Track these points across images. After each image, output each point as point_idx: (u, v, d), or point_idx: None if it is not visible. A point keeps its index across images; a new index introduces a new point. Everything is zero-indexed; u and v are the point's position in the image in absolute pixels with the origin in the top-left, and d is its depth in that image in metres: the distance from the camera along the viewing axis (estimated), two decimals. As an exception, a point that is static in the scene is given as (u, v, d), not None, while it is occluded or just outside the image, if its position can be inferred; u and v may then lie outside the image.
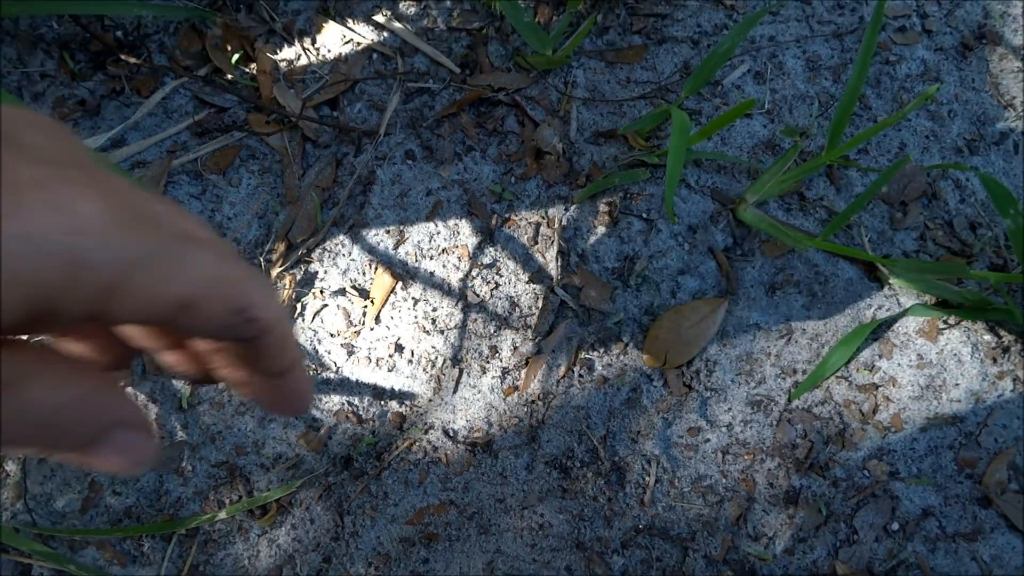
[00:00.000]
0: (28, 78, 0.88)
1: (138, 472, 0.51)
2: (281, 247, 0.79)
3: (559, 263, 0.73)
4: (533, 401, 0.71)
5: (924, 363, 0.68)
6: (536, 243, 0.75)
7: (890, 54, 0.78)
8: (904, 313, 0.68)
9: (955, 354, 0.68)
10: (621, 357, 0.72)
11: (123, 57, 0.86)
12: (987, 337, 0.68)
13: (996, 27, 0.78)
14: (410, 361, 0.74)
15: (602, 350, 0.72)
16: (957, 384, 0.68)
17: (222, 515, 0.72)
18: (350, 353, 0.75)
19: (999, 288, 0.65)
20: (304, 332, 0.76)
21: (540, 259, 0.74)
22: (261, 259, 0.79)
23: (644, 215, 0.74)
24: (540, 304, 0.73)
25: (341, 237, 0.79)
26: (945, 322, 0.69)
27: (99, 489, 0.73)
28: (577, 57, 0.81)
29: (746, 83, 0.78)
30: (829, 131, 0.69)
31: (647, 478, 0.68)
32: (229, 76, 0.86)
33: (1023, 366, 0.68)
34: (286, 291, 0.77)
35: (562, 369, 0.72)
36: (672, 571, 0.67)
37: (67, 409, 0.22)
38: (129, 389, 0.75)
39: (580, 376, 0.71)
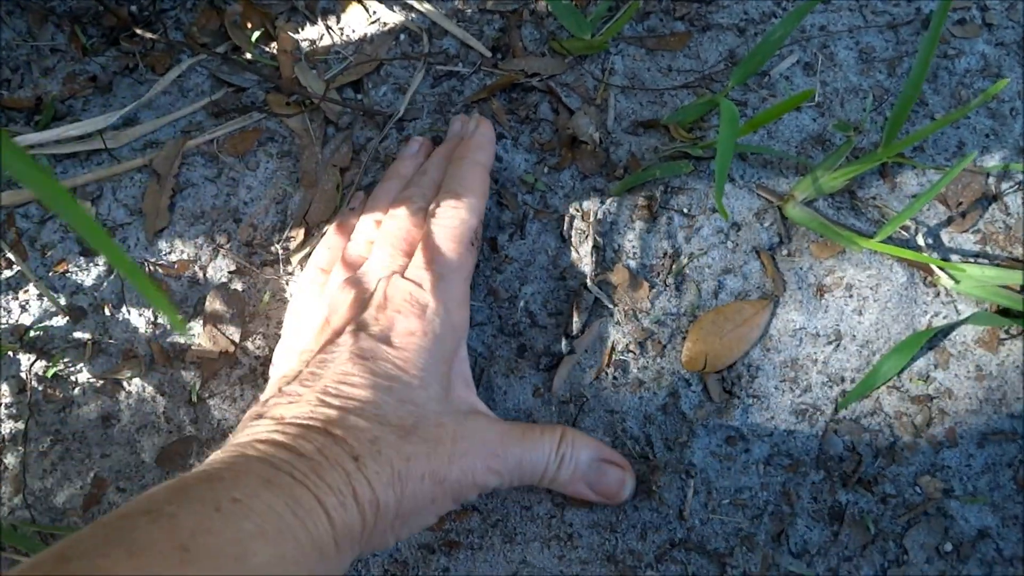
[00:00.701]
0: (38, 52, 0.84)
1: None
2: (299, 233, 0.75)
3: (593, 258, 0.69)
4: (563, 403, 0.67)
5: (983, 375, 0.64)
6: (569, 237, 0.71)
7: (948, 47, 0.74)
8: (963, 321, 0.64)
9: (1017, 366, 0.64)
10: (658, 360, 0.68)
11: (138, 32, 0.82)
12: (1052, 349, 0.64)
13: (1061, 22, 0.74)
14: (434, 358, 0.70)
15: (638, 351, 0.68)
16: (1019, 398, 0.64)
17: (231, 515, 0.68)
18: (370, 348, 0.71)
19: (1068, 297, 0.61)
20: (322, 325, 0.72)
21: (573, 254, 0.70)
22: (279, 246, 0.75)
23: (686, 210, 0.70)
24: (572, 301, 0.69)
25: (363, 226, 0.75)
26: (1007, 331, 0.65)
27: (103, 485, 0.69)
28: (616, 43, 0.77)
29: (795, 74, 0.74)
30: (886, 127, 0.65)
31: (685, 489, 0.64)
32: (248, 55, 0.82)
33: (1090, 381, 0.64)
34: (304, 281, 0.73)
35: (594, 370, 0.68)
36: (709, 589, 0.63)
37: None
38: (137, 380, 0.71)
39: (614, 379, 0.67)
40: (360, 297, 0.60)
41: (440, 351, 0.57)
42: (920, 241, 0.68)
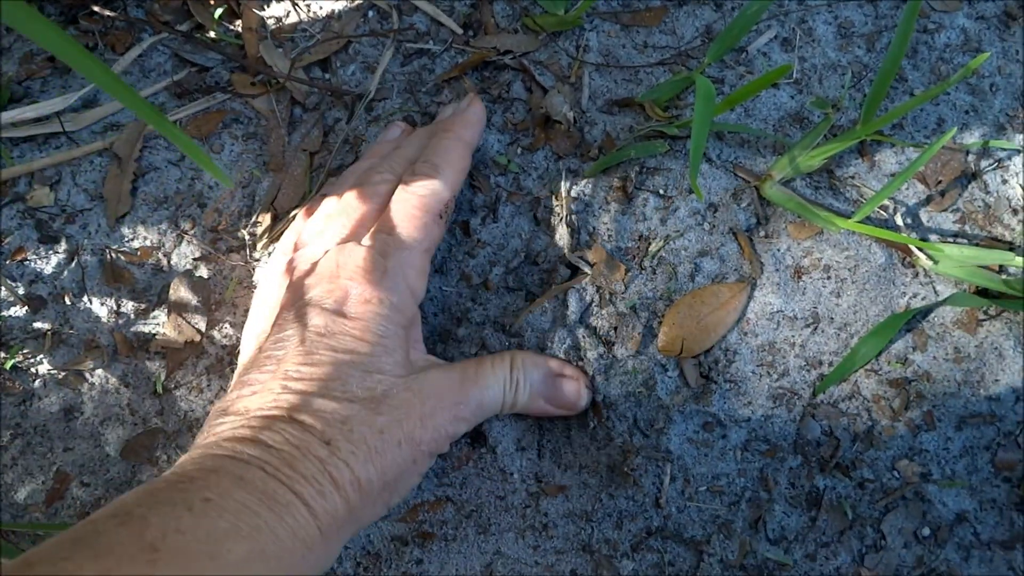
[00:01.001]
0: (-8, 31, 0.80)
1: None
2: (266, 218, 0.73)
3: (569, 241, 0.67)
4: (538, 391, 0.66)
5: (961, 357, 0.64)
6: (544, 219, 0.69)
7: (928, 22, 0.72)
8: (941, 303, 0.63)
9: (996, 348, 0.63)
10: (634, 344, 0.66)
11: (96, 10, 0.79)
12: (1031, 330, 0.64)
13: (1043, -5, 0.73)
14: (405, 345, 0.68)
15: (612, 336, 0.66)
16: (997, 380, 0.63)
17: (200, 508, 0.66)
18: (340, 335, 0.70)
19: (1047, 277, 0.60)
20: (290, 312, 0.70)
21: (547, 237, 0.69)
22: (245, 232, 0.73)
23: (661, 191, 0.69)
24: (546, 284, 0.67)
25: (331, 210, 0.73)
26: (986, 312, 0.64)
27: (66, 480, 0.68)
28: (590, 19, 0.75)
29: (772, 50, 0.72)
30: (864, 104, 0.64)
31: (662, 476, 0.63)
32: (212, 33, 0.79)
33: (1069, 362, 0.63)
34: (271, 267, 0.71)
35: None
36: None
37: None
38: (99, 371, 0.69)
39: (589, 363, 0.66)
40: (311, 271, 0.58)
41: (398, 317, 0.56)
42: (899, 221, 0.67)
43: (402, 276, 0.57)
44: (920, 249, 0.64)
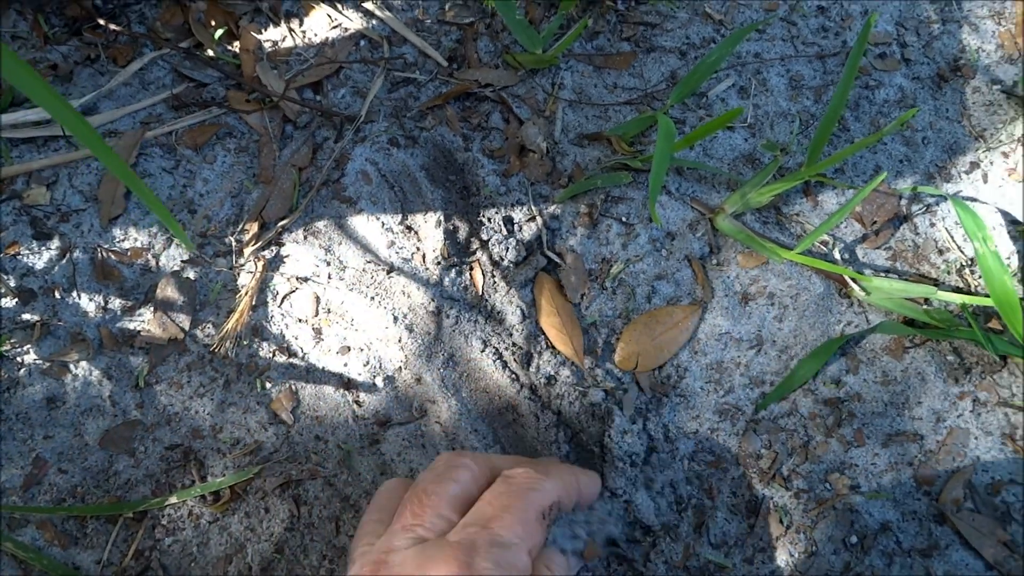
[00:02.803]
0: (-2, 38, 0.85)
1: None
2: (253, 227, 0.77)
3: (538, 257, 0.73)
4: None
5: (889, 380, 0.70)
6: (515, 236, 0.75)
7: (870, 79, 0.80)
8: (872, 330, 0.69)
9: (919, 373, 0.70)
10: (592, 360, 0.71)
11: (101, 24, 0.84)
12: (950, 358, 0.70)
13: (971, 61, 0.81)
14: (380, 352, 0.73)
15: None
16: (920, 402, 0.69)
17: (173, 499, 0.69)
18: (318, 339, 0.74)
19: (964, 310, 0.67)
20: (272, 315, 0.74)
21: (520, 253, 0.74)
22: (232, 239, 0.77)
23: (624, 219, 0.74)
24: (515, 297, 0.72)
25: (315, 220, 0.77)
26: (911, 340, 0.70)
27: (44, 466, 0.70)
28: (566, 59, 0.82)
29: (730, 96, 0.79)
30: (809, 148, 0.70)
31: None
32: (211, 52, 0.84)
33: (983, 388, 0.69)
34: (256, 274, 0.75)
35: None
36: (632, 575, 0.66)
37: None
38: (84, 363, 0.72)
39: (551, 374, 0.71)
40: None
41: None
42: (837, 255, 0.73)
43: None
44: (854, 280, 0.71)
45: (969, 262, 0.73)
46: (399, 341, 0.73)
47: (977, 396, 0.69)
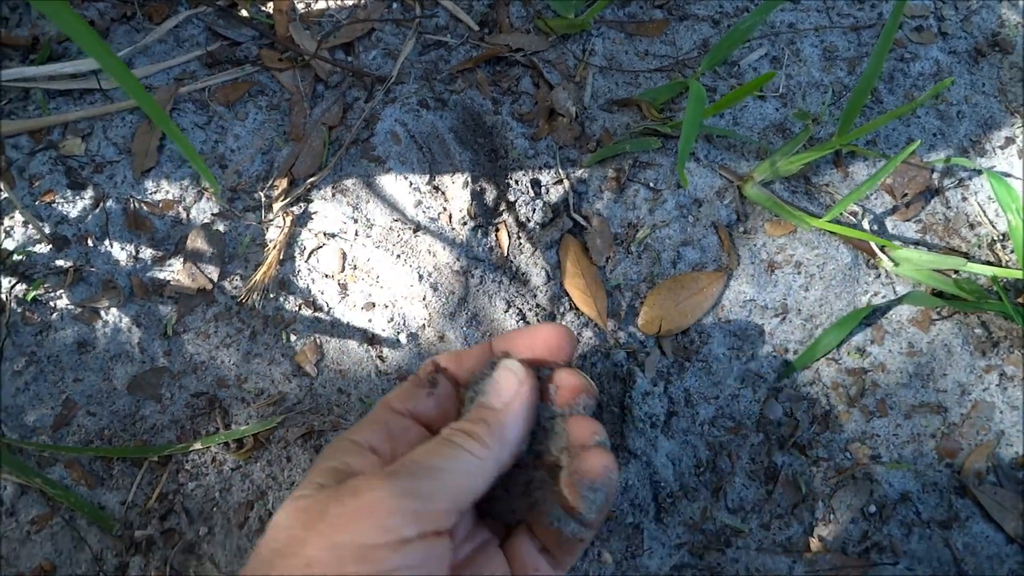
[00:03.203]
0: (38, -8, 0.86)
1: None
2: (283, 183, 0.78)
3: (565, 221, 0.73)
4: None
5: (914, 351, 0.69)
6: (542, 198, 0.75)
7: (905, 52, 0.79)
8: (899, 300, 0.69)
9: (946, 345, 0.69)
10: (616, 322, 0.71)
11: (139, -20, 0.85)
12: (978, 331, 0.69)
13: (1010, 36, 0.80)
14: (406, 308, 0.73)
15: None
16: (945, 374, 0.69)
17: (197, 445, 0.70)
18: (344, 295, 0.74)
19: (995, 283, 0.66)
20: (299, 270, 0.75)
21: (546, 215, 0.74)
22: (262, 194, 0.78)
23: (651, 184, 0.74)
24: (541, 258, 0.73)
25: (344, 178, 0.78)
26: (939, 313, 0.69)
27: (73, 407, 0.71)
28: (597, 26, 0.82)
29: (762, 66, 0.79)
30: (841, 117, 0.70)
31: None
32: (244, 11, 0.85)
33: (1010, 362, 0.68)
34: (284, 229, 0.76)
35: (556, 328, 0.71)
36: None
37: None
38: (114, 310, 0.74)
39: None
40: None
41: None
42: (866, 226, 0.73)
43: None
44: (882, 250, 0.70)
45: (1001, 237, 0.72)
46: (423, 299, 0.73)
47: (1004, 370, 0.68)
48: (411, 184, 0.77)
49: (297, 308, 0.74)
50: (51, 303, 0.74)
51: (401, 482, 0.39)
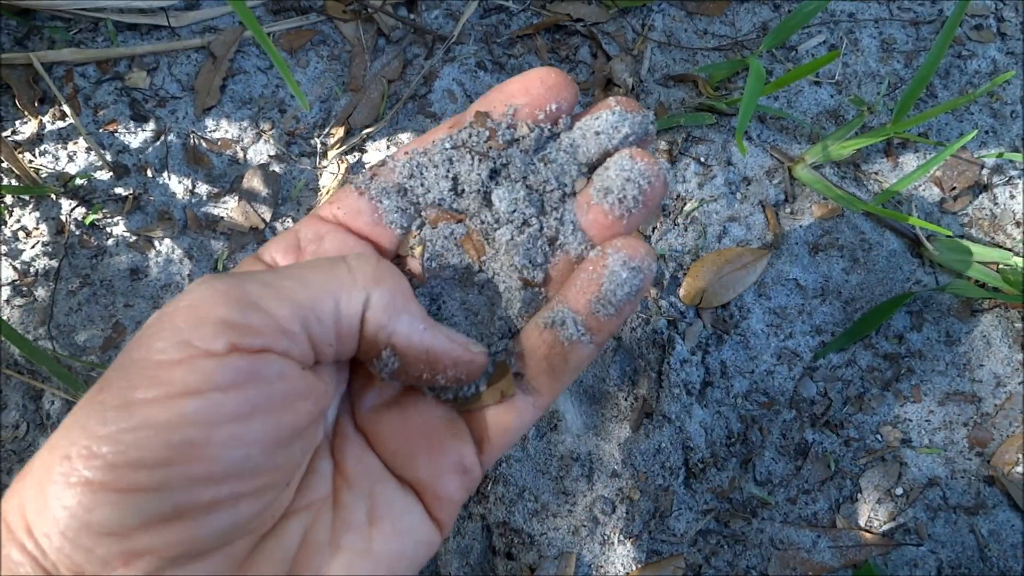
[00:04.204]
0: (112, -70, 0.87)
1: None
2: (340, 131, 0.80)
3: (612, 191, 0.74)
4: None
5: (952, 340, 0.70)
6: (592, 168, 0.76)
7: (963, 49, 0.79)
8: (941, 289, 0.70)
9: (984, 336, 0.70)
10: (658, 291, 0.73)
11: (211, -75, 0.86)
12: (1018, 325, 0.70)
13: (1068, 42, 0.80)
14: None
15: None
16: (982, 365, 0.69)
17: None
18: (392, 244, 0.76)
19: (1039, 278, 0.67)
20: (350, 216, 0.77)
21: (593, 184, 0.75)
22: (318, 140, 0.79)
23: (702, 159, 0.75)
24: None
25: (399, 131, 0.79)
26: (980, 304, 0.70)
27: (122, 331, 0.73)
28: (659, 2, 0.83)
29: (820, 53, 0.80)
30: (896, 107, 0.71)
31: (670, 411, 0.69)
32: (313, -38, 0.86)
33: (1048, 357, 0.69)
34: (338, 175, 0.78)
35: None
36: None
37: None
38: (168, 241, 0.75)
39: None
40: None
41: None
42: (913, 214, 0.73)
43: None
44: (928, 238, 0.71)
45: (1046, 236, 0.73)
46: (470, 253, 0.74)
47: (1041, 365, 0.69)
48: (465, 141, 0.78)
49: (346, 253, 0.76)
50: (108, 229, 0.75)
51: (235, 282, 0.31)
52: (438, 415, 0.37)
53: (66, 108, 0.77)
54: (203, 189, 0.77)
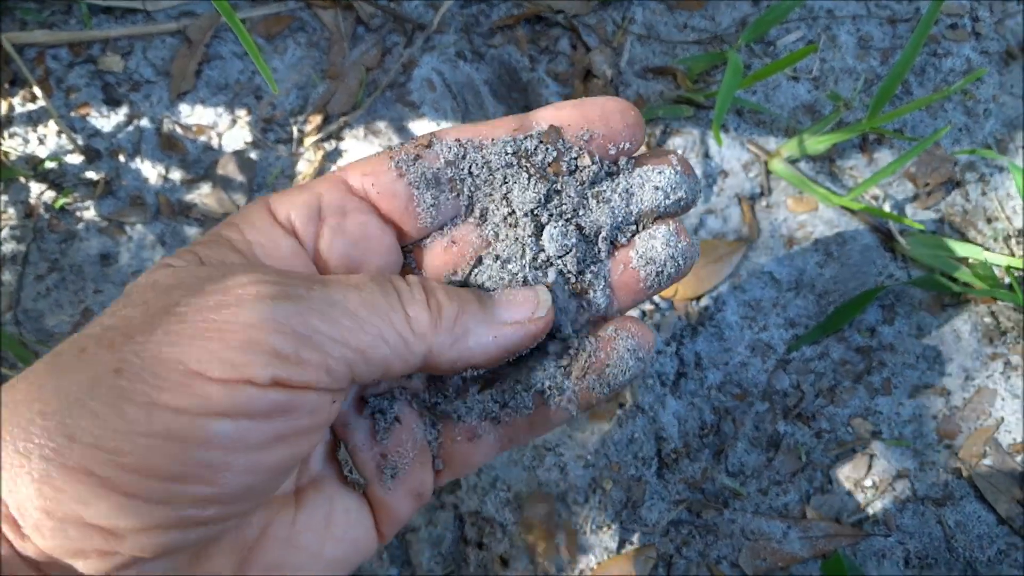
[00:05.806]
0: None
1: None
2: (317, 119, 0.79)
3: (589, 182, 0.74)
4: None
5: (923, 334, 0.71)
6: (570, 159, 0.76)
7: (938, 47, 0.80)
8: (913, 282, 0.70)
9: (954, 330, 0.71)
10: (634, 281, 0.73)
11: (189, -92, 0.85)
12: (987, 319, 0.71)
13: (1041, 42, 0.81)
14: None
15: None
16: (951, 359, 0.70)
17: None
18: (368, 232, 0.75)
19: (1009, 273, 0.68)
20: (326, 203, 0.76)
21: (571, 175, 0.75)
22: (295, 128, 0.79)
23: (680, 151, 0.75)
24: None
25: (377, 119, 0.79)
26: (951, 298, 0.71)
27: (91, 316, 0.72)
28: (639, -6, 0.83)
29: (798, 48, 0.80)
30: (871, 102, 0.71)
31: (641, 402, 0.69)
32: (292, -52, 0.86)
33: (1016, 351, 0.70)
34: (315, 163, 0.77)
35: (575, 282, 0.72)
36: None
37: None
38: (140, 226, 0.74)
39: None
40: None
41: None
42: (887, 209, 0.74)
43: None
44: (901, 233, 0.72)
45: (1017, 232, 0.73)
46: (447, 243, 0.74)
47: (1009, 359, 0.70)
48: (443, 131, 0.78)
49: (321, 241, 0.75)
50: (78, 213, 0.74)
51: (294, 310, 0.29)
52: (412, 438, 0.38)
53: (37, 90, 0.76)
54: (177, 175, 0.76)
